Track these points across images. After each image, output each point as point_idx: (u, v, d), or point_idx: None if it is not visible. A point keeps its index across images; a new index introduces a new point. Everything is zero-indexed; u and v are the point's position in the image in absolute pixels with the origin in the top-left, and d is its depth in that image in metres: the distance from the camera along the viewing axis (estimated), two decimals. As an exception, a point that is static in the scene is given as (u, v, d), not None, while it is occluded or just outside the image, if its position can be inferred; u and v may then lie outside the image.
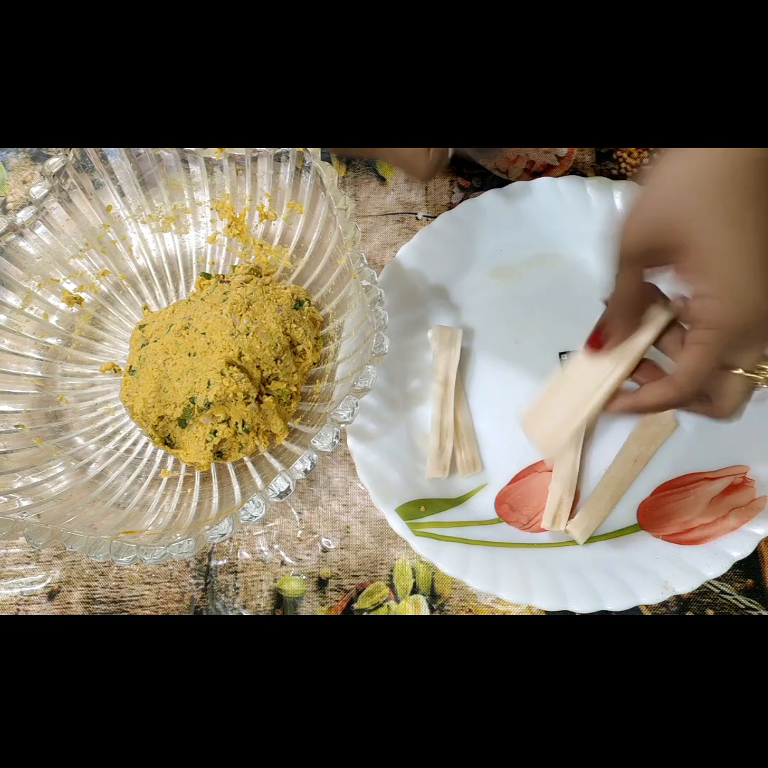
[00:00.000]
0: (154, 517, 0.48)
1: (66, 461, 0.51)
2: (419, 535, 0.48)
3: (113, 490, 0.50)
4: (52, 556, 0.53)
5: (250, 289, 0.51)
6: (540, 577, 0.47)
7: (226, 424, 0.49)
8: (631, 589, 0.46)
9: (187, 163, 0.56)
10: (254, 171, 0.55)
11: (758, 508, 0.48)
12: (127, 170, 0.55)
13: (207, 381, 0.48)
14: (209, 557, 0.52)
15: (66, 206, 0.54)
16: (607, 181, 0.56)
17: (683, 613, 0.49)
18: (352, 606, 0.51)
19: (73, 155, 0.53)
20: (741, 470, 0.49)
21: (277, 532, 0.53)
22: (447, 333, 0.54)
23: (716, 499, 0.49)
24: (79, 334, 0.56)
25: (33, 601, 0.52)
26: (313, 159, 0.51)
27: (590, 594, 0.46)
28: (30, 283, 0.54)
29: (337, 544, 0.52)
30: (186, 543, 0.41)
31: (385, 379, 0.53)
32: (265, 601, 0.51)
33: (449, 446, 0.51)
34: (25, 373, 0.53)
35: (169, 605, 0.51)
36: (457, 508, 0.51)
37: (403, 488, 0.50)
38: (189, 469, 0.52)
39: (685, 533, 0.48)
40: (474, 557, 0.48)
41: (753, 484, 0.49)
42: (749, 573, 0.50)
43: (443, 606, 0.50)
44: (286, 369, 0.50)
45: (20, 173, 0.64)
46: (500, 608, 0.50)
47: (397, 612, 0.50)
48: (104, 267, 0.57)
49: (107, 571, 0.52)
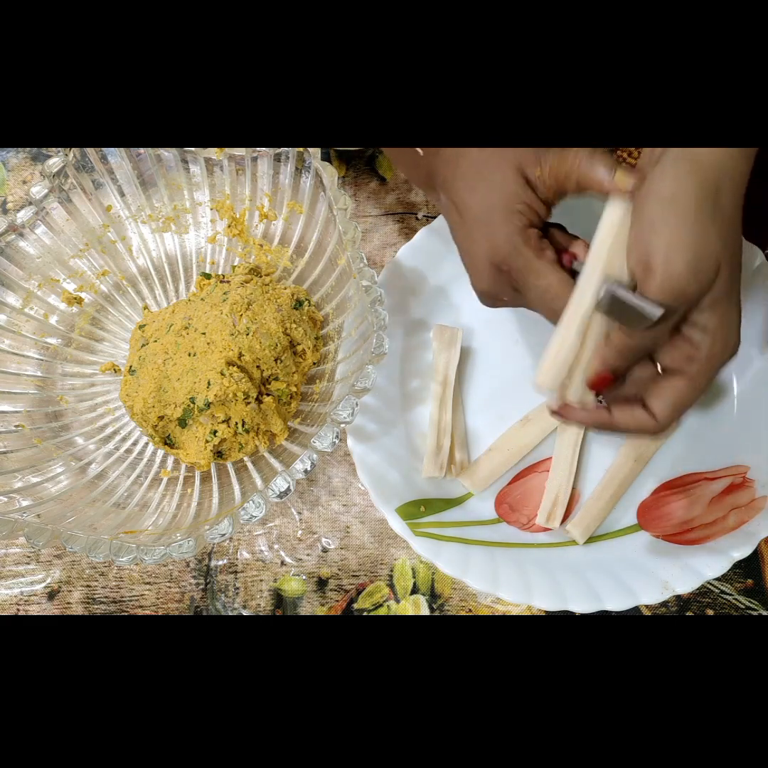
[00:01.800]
0: (154, 517, 0.48)
1: (66, 461, 0.51)
2: (419, 535, 0.48)
3: (113, 490, 0.50)
4: (52, 556, 0.53)
5: (250, 289, 0.51)
6: (540, 577, 0.47)
7: (226, 424, 0.49)
8: (631, 589, 0.46)
9: (187, 163, 0.56)
10: (254, 171, 0.55)
11: (758, 508, 0.48)
12: (127, 170, 0.55)
13: (207, 381, 0.48)
14: (209, 557, 0.52)
15: (66, 206, 0.54)
16: (607, 181, 0.56)
17: (683, 613, 0.49)
18: (352, 606, 0.51)
19: (73, 155, 0.53)
20: (741, 470, 0.49)
21: (277, 532, 0.53)
22: (447, 332, 0.54)
23: (716, 499, 0.49)
24: (79, 334, 0.56)
25: (33, 601, 0.52)
26: (313, 159, 0.51)
27: (590, 594, 0.46)
28: (30, 283, 0.54)
29: (337, 544, 0.52)
30: (186, 543, 0.41)
31: (385, 379, 0.53)
32: (265, 601, 0.51)
33: (447, 445, 0.51)
34: (25, 373, 0.53)
35: (169, 605, 0.51)
36: (457, 508, 0.51)
37: (403, 488, 0.50)
38: (189, 469, 0.52)
39: (685, 533, 0.48)
40: (474, 557, 0.48)
41: (753, 484, 0.49)
42: (749, 573, 0.50)
43: (443, 606, 0.50)
44: (286, 369, 0.50)
45: (20, 173, 0.64)
46: (500, 608, 0.50)
47: (397, 612, 0.50)
48: (104, 267, 0.57)
49: (107, 571, 0.52)
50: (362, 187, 0.62)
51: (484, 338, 0.55)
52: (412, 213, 0.61)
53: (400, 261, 0.55)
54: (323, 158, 0.51)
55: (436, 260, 0.56)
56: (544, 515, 0.49)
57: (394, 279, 0.55)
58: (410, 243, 0.56)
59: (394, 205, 0.61)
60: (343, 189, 0.61)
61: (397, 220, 0.61)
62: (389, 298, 0.54)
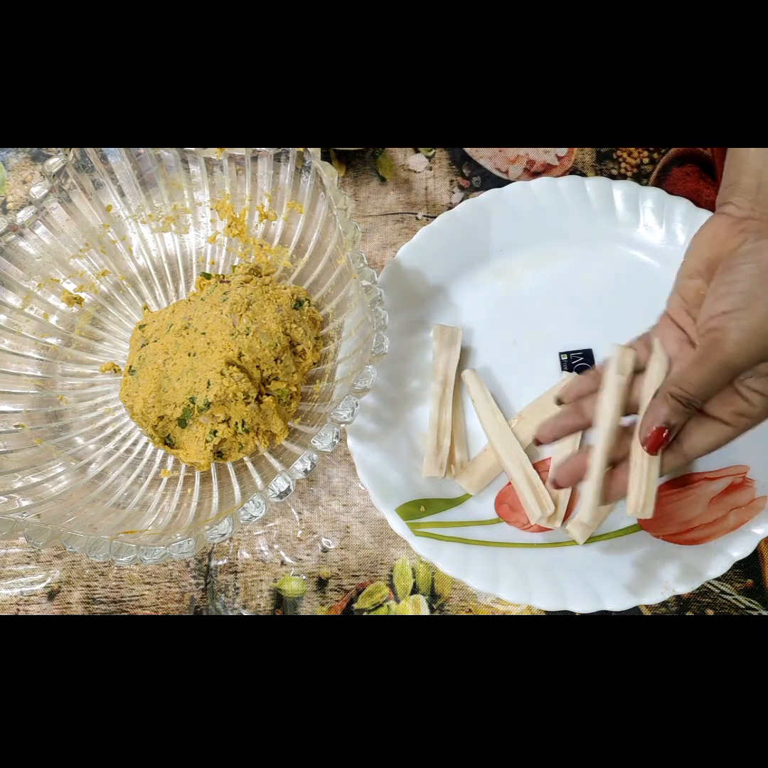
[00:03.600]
0: (154, 517, 0.48)
1: (66, 461, 0.51)
2: (419, 535, 0.48)
3: (113, 490, 0.50)
4: (52, 556, 0.53)
5: (250, 289, 0.51)
6: (540, 577, 0.47)
7: (226, 424, 0.49)
8: (631, 589, 0.46)
9: (187, 163, 0.56)
10: (254, 171, 0.55)
11: (758, 508, 0.48)
12: (127, 170, 0.55)
13: (207, 381, 0.48)
14: (209, 557, 0.52)
15: (66, 206, 0.54)
16: (607, 180, 0.56)
17: (683, 613, 0.49)
18: (352, 606, 0.51)
19: (73, 155, 0.53)
20: (741, 470, 0.49)
21: (277, 532, 0.53)
22: (447, 332, 0.54)
23: (716, 499, 0.49)
24: (79, 334, 0.56)
25: (33, 601, 0.52)
26: (313, 159, 0.51)
27: (590, 594, 0.46)
28: (30, 283, 0.54)
29: (337, 544, 0.52)
30: (186, 543, 0.41)
31: (385, 379, 0.53)
32: (265, 601, 0.51)
33: (446, 445, 0.51)
34: (25, 373, 0.53)
35: (169, 605, 0.51)
36: (457, 508, 0.51)
37: (403, 488, 0.50)
38: (189, 469, 0.52)
39: (685, 533, 0.48)
40: (474, 557, 0.48)
41: (753, 484, 0.49)
42: (749, 573, 0.50)
43: (443, 606, 0.50)
44: (286, 369, 0.50)
45: (20, 173, 0.64)
46: (500, 608, 0.50)
47: (397, 612, 0.50)
48: (104, 267, 0.57)
49: (107, 571, 0.52)
50: (362, 187, 0.62)
51: (484, 338, 0.55)
52: (412, 213, 0.61)
53: (400, 261, 0.55)
54: (323, 158, 0.51)
55: (436, 260, 0.56)
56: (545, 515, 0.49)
57: (394, 279, 0.55)
58: (410, 243, 0.56)
59: (394, 205, 0.61)
60: (343, 189, 0.61)
61: (397, 220, 0.61)
62: (389, 298, 0.54)
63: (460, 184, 0.61)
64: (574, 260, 0.57)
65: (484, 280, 0.57)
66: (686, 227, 0.55)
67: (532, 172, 0.61)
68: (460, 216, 0.56)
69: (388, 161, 0.62)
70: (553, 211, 0.57)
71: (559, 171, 0.61)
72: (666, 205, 0.55)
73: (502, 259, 0.57)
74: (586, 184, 0.56)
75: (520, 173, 0.61)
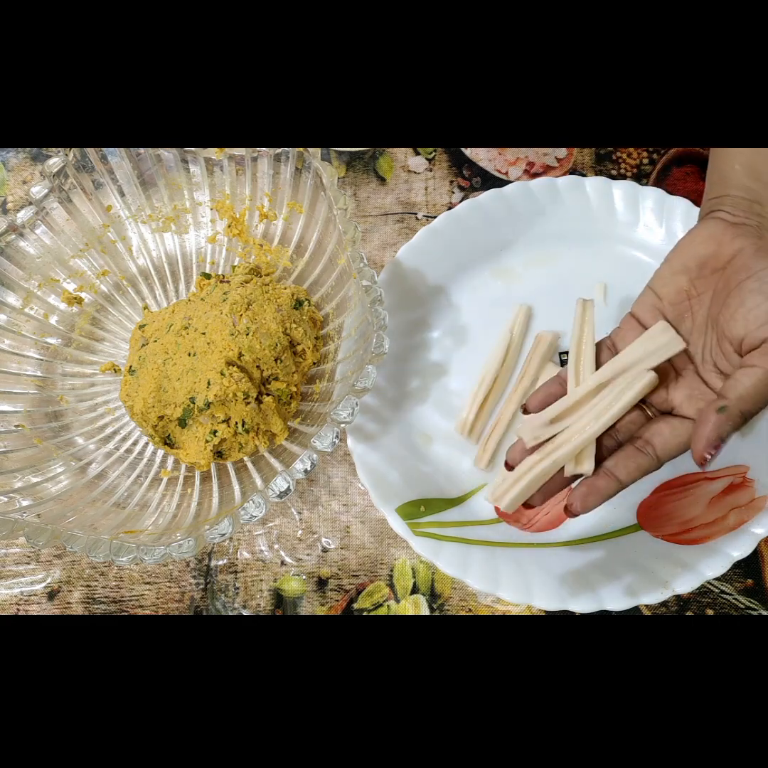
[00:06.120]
0: (154, 517, 0.48)
1: (66, 461, 0.51)
2: (419, 535, 0.48)
3: (113, 490, 0.50)
4: (52, 556, 0.53)
5: (250, 289, 0.51)
6: (540, 577, 0.47)
7: (226, 424, 0.49)
8: (631, 589, 0.46)
9: (187, 163, 0.56)
10: (254, 171, 0.55)
11: (758, 507, 0.48)
12: (127, 170, 0.55)
13: (207, 381, 0.48)
14: (209, 557, 0.52)
15: (66, 206, 0.54)
16: (607, 180, 0.56)
17: (683, 613, 0.49)
18: (352, 606, 0.51)
19: (73, 155, 0.53)
20: (741, 470, 0.49)
21: (277, 532, 0.53)
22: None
23: (716, 499, 0.49)
24: (79, 334, 0.56)
25: (33, 601, 0.52)
26: (313, 159, 0.51)
27: (590, 594, 0.46)
28: (30, 283, 0.54)
29: (337, 544, 0.52)
30: (186, 543, 0.41)
31: (385, 379, 0.53)
32: (265, 601, 0.51)
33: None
34: (25, 373, 0.53)
35: (169, 605, 0.51)
36: (457, 508, 0.51)
37: (403, 488, 0.50)
38: (189, 469, 0.52)
39: (685, 533, 0.48)
40: (474, 557, 0.48)
41: (753, 484, 0.49)
42: (749, 573, 0.50)
43: (443, 606, 0.51)
44: (286, 369, 0.50)
45: (20, 173, 0.64)
46: (500, 608, 0.50)
47: (397, 612, 0.50)
48: (104, 267, 0.57)
49: (107, 571, 0.52)
50: (362, 187, 0.62)
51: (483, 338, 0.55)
52: (412, 213, 0.61)
53: (400, 261, 0.55)
54: (323, 158, 0.51)
55: (436, 260, 0.56)
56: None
57: (394, 279, 0.55)
58: (410, 243, 0.56)
59: (394, 205, 0.61)
60: (343, 189, 0.61)
61: (397, 220, 0.61)
62: (389, 298, 0.54)
63: (460, 184, 0.61)
64: (574, 260, 0.57)
65: (484, 280, 0.57)
66: (686, 227, 0.54)
67: (531, 173, 0.61)
68: (460, 216, 0.56)
69: (388, 162, 0.62)
70: (553, 211, 0.57)
71: (559, 172, 0.61)
72: (666, 205, 0.55)
73: (502, 259, 0.57)
74: (586, 184, 0.56)
75: (520, 175, 0.61)
